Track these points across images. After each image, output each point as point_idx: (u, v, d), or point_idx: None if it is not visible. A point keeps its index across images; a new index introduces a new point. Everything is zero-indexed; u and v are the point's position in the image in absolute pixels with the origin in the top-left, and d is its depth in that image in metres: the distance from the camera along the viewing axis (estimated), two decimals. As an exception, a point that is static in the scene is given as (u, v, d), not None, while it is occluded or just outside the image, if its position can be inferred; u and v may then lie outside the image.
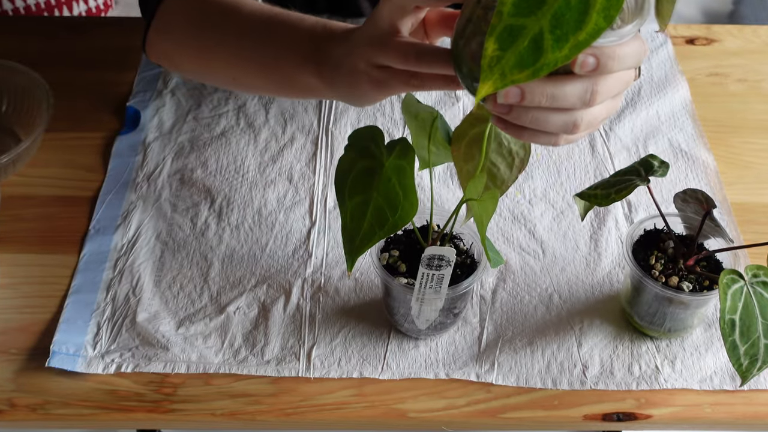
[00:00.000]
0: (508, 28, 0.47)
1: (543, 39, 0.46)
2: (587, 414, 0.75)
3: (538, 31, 0.46)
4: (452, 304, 0.77)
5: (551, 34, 0.46)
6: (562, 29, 0.46)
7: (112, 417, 0.75)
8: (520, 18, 0.46)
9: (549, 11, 0.46)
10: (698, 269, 0.76)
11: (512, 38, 0.47)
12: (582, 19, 0.46)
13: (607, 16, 0.45)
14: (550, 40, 0.46)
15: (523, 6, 0.46)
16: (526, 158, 0.71)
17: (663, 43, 1.14)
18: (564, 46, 0.46)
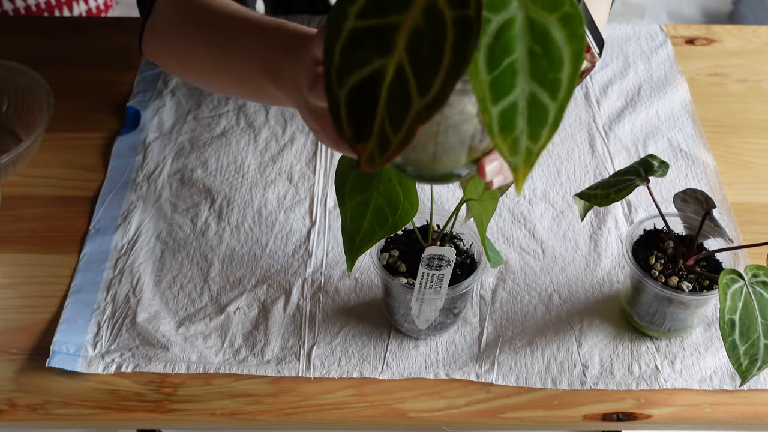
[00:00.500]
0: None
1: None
2: (587, 414, 0.75)
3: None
4: (452, 304, 0.77)
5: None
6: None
7: (112, 417, 0.75)
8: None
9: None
10: (698, 269, 0.76)
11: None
12: None
13: None
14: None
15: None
16: (526, 158, 0.71)
17: (663, 43, 1.14)
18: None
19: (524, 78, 0.42)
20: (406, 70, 0.41)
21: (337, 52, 0.43)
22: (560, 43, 0.43)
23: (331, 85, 0.43)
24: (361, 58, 0.42)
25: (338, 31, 0.42)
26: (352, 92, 0.43)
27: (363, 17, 0.42)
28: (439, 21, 0.40)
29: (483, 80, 0.42)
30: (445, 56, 0.40)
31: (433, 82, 0.40)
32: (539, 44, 0.42)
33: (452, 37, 0.40)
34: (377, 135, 0.42)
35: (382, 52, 0.42)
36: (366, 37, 0.42)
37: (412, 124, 0.41)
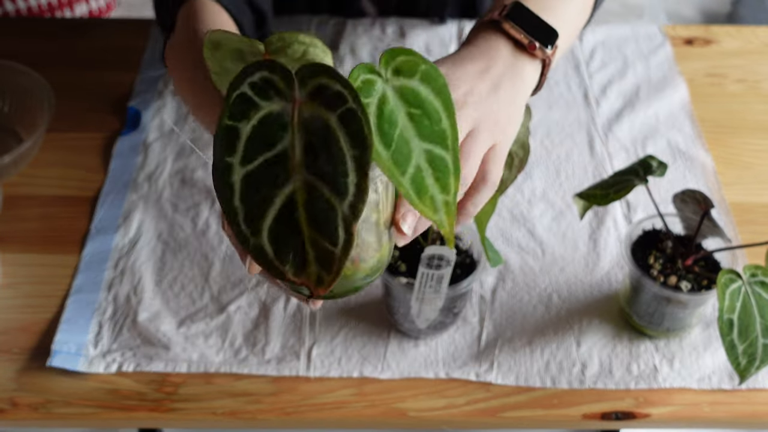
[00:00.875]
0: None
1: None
2: (586, 413, 0.76)
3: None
4: (452, 303, 0.77)
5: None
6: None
7: (113, 416, 0.75)
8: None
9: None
10: (696, 269, 0.76)
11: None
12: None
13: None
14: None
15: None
16: (525, 158, 0.71)
17: (661, 44, 1.15)
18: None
19: (416, 141, 0.45)
20: (315, 185, 0.41)
21: (238, 204, 0.42)
22: (430, 98, 0.46)
23: (246, 238, 0.42)
24: (264, 198, 0.42)
25: (229, 183, 0.42)
26: (272, 233, 0.42)
27: (248, 161, 0.42)
28: (323, 126, 0.41)
29: (385, 157, 0.44)
30: (346, 153, 0.41)
31: (347, 182, 0.41)
32: (415, 107, 0.45)
33: (344, 133, 0.41)
34: (315, 258, 0.42)
35: (282, 182, 0.42)
36: (260, 177, 0.42)
37: (346, 227, 0.41)
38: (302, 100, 0.42)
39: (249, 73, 0.42)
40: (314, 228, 0.42)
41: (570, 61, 1.11)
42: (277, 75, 0.42)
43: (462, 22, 1.16)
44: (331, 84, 0.41)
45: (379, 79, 0.44)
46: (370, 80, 0.44)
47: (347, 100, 0.41)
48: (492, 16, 0.64)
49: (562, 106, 1.05)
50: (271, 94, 0.42)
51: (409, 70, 0.45)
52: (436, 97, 0.46)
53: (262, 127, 0.42)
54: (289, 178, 0.42)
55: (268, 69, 0.42)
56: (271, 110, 0.42)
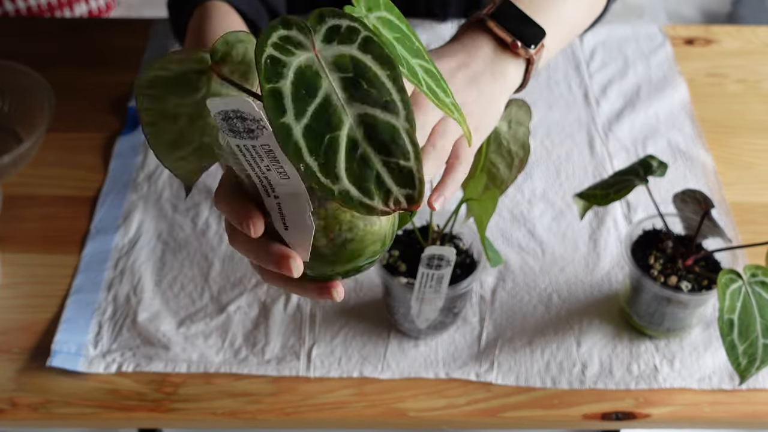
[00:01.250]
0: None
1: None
2: (586, 413, 0.76)
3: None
4: (452, 303, 0.77)
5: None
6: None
7: (113, 416, 0.75)
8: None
9: None
10: (697, 269, 0.76)
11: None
12: None
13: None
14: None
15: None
16: (525, 158, 0.71)
17: (662, 44, 1.15)
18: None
19: (411, 59, 0.48)
20: (367, 113, 0.43)
21: (310, 160, 0.42)
22: (398, 22, 0.50)
23: (328, 188, 0.42)
24: (330, 145, 0.43)
25: (295, 145, 0.42)
26: (349, 174, 0.43)
27: (301, 115, 0.43)
28: (350, 59, 0.44)
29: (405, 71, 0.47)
30: (380, 74, 0.44)
31: (393, 98, 0.44)
32: (395, 32, 0.49)
33: (371, 59, 0.44)
34: (394, 180, 0.44)
35: (338, 123, 0.43)
36: (317, 126, 0.42)
37: (411, 140, 0.44)
38: (320, 47, 0.44)
39: (268, 36, 0.43)
40: (383, 153, 0.43)
41: (570, 61, 1.11)
42: (292, 29, 0.44)
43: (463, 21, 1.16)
44: (339, 22, 0.44)
45: (363, 15, 0.47)
46: (358, 18, 0.47)
47: (360, 31, 0.43)
48: (479, 14, 0.64)
49: (563, 106, 1.05)
50: (292, 48, 0.43)
51: (375, 4, 0.48)
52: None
53: (299, 80, 0.43)
54: (343, 117, 0.43)
55: (284, 26, 0.43)
56: (300, 63, 0.43)
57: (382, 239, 0.51)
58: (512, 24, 0.63)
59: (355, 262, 0.51)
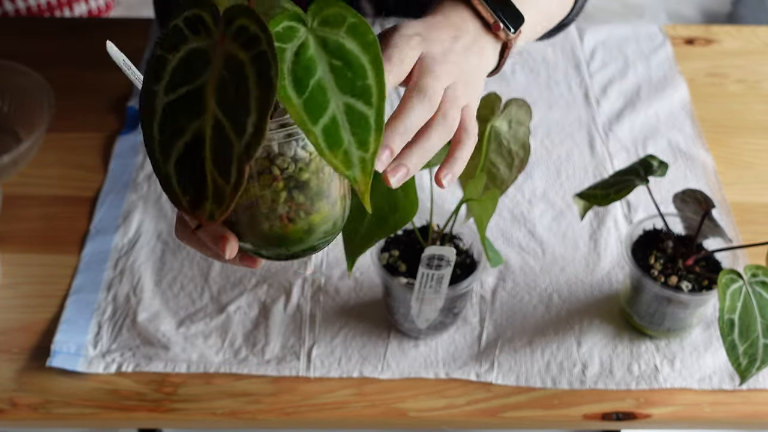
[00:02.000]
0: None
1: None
2: (587, 413, 0.76)
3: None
4: (452, 303, 0.77)
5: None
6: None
7: (113, 416, 0.75)
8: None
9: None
10: (697, 269, 0.76)
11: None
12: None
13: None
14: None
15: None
16: (525, 158, 0.71)
17: (662, 44, 1.15)
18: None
19: (335, 92, 0.45)
20: (222, 121, 0.42)
21: (156, 130, 0.43)
22: (356, 52, 0.45)
23: (158, 163, 0.44)
24: (179, 128, 0.43)
25: (151, 110, 0.43)
26: (179, 162, 0.43)
27: (171, 90, 0.43)
28: (239, 65, 0.42)
29: (296, 103, 0.44)
30: (251, 93, 0.41)
31: (247, 121, 0.41)
32: (337, 58, 0.45)
33: (254, 74, 0.41)
34: (212, 192, 0.43)
35: (196, 115, 0.43)
36: (179, 107, 0.43)
37: (239, 166, 0.42)
38: (227, 39, 0.43)
39: (185, 8, 0.44)
40: (215, 164, 0.43)
41: (570, 60, 1.11)
42: (206, 12, 0.43)
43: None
44: (250, 26, 0.42)
45: (303, 28, 0.45)
46: (292, 27, 0.45)
47: (261, 42, 0.41)
48: None
49: (563, 106, 1.05)
50: (200, 29, 0.43)
51: (335, 21, 0.45)
52: (363, 51, 0.45)
53: (188, 60, 0.43)
54: (202, 113, 0.43)
55: (199, 6, 0.43)
56: (197, 46, 0.43)
57: (334, 220, 0.52)
58: (495, 5, 0.63)
59: (308, 242, 0.51)
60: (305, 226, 0.50)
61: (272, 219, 0.49)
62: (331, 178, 0.50)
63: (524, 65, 1.09)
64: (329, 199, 0.51)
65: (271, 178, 0.48)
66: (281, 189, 0.48)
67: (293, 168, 0.48)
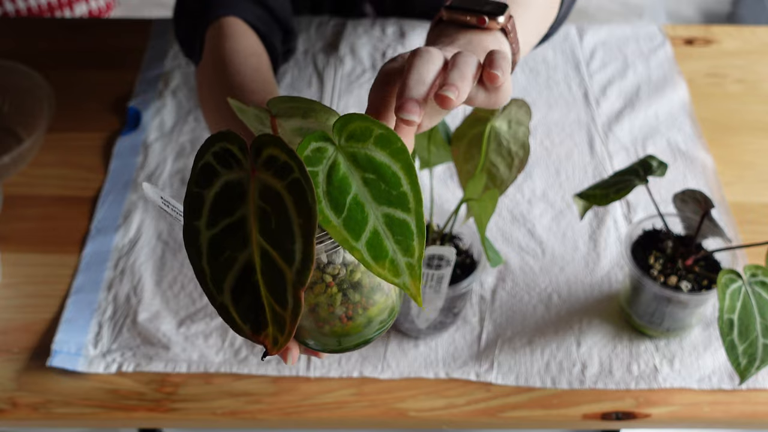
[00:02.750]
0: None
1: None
2: (586, 413, 0.76)
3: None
4: (452, 303, 0.77)
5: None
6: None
7: (113, 416, 0.75)
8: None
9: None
10: (697, 269, 0.76)
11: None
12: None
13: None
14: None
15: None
16: (525, 158, 0.71)
17: (661, 44, 1.15)
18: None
19: (372, 205, 0.45)
20: (268, 250, 0.43)
21: (206, 265, 0.44)
22: (387, 162, 0.46)
23: (212, 295, 0.45)
24: (227, 260, 0.44)
25: (197, 246, 0.44)
26: (234, 293, 0.44)
27: (213, 225, 0.44)
28: (276, 195, 0.42)
29: (336, 224, 0.44)
30: (293, 220, 0.42)
31: (294, 248, 0.42)
32: (370, 172, 0.45)
33: (291, 202, 0.42)
34: (271, 319, 0.44)
35: (242, 245, 0.44)
36: (224, 240, 0.44)
37: (294, 293, 0.43)
38: (258, 170, 0.43)
39: (211, 144, 0.44)
40: (270, 291, 0.44)
41: (570, 61, 1.12)
42: (235, 146, 0.44)
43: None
44: (279, 155, 0.42)
45: (331, 147, 0.45)
46: (320, 148, 0.45)
47: (293, 170, 0.42)
48: (439, 14, 0.63)
49: (562, 106, 1.05)
50: (231, 162, 0.44)
51: (362, 135, 0.46)
52: (393, 160, 0.46)
53: (223, 194, 0.44)
54: (248, 243, 0.44)
55: (227, 140, 0.44)
56: (231, 178, 0.44)
57: (391, 308, 0.52)
58: (471, 6, 0.62)
59: (367, 335, 0.52)
60: (364, 320, 0.51)
61: (332, 321, 0.50)
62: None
63: (524, 65, 1.10)
64: (384, 289, 0.51)
65: (324, 286, 0.49)
66: (336, 293, 0.49)
67: (344, 272, 0.49)
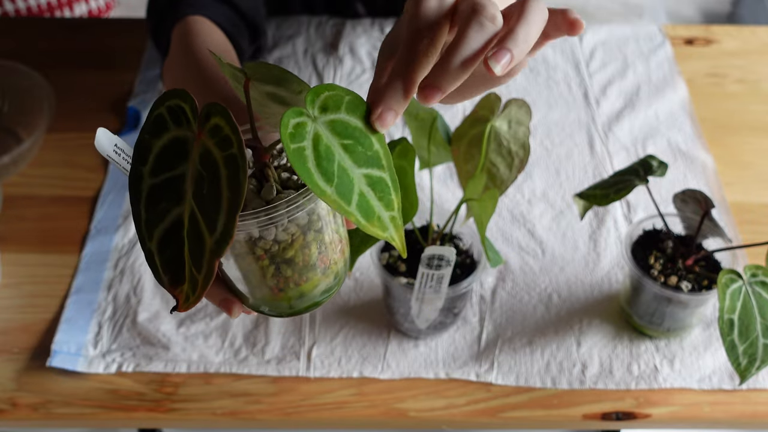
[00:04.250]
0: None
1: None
2: (586, 413, 0.76)
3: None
4: (452, 303, 0.77)
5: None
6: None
7: (113, 416, 0.75)
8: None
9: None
10: (697, 269, 0.76)
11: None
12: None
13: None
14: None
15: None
16: (525, 158, 0.71)
17: (661, 44, 1.15)
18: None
19: (354, 169, 0.47)
20: (196, 213, 0.44)
21: (142, 209, 0.46)
22: (360, 126, 0.47)
23: (143, 239, 0.46)
24: (161, 210, 0.45)
25: (138, 191, 0.46)
26: (161, 242, 0.46)
27: (155, 174, 0.46)
28: (213, 163, 0.43)
29: (330, 193, 0.45)
30: (223, 193, 0.43)
31: (218, 219, 0.43)
32: (346, 137, 0.47)
33: (225, 176, 0.43)
34: (188, 277, 0.45)
35: (176, 202, 0.45)
36: (162, 191, 0.45)
37: (209, 260, 0.44)
38: (204, 134, 0.44)
39: (168, 97, 0.46)
40: (190, 253, 0.45)
41: (570, 61, 1.12)
42: (187, 105, 0.45)
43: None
44: (224, 126, 0.43)
45: (309, 121, 0.46)
46: (300, 123, 0.46)
47: (233, 145, 0.43)
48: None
49: (562, 106, 1.05)
50: (182, 120, 0.45)
51: (334, 104, 0.47)
52: (363, 123, 0.48)
53: (169, 147, 0.45)
54: (182, 201, 0.45)
55: (181, 98, 0.45)
56: (178, 135, 0.45)
57: (335, 274, 0.54)
58: None
59: (307, 302, 0.53)
60: (296, 294, 0.52)
61: (263, 289, 0.51)
62: (319, 251, 0.52)
63: (524, 65, 1.09)
64: (319, 268, 0.52)
65: (255, 258, 0.50)
66: (267, 266, 0.50)
67: (276, 249, 0.50)
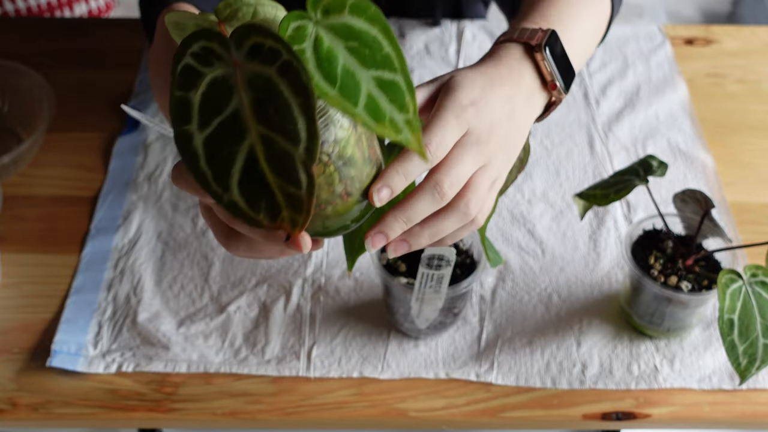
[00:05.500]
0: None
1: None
2: (586, 413, 0.76)
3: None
4: (452, 303, 0.77)
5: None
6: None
7: (113, 416, 0.75)
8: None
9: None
10: (697, 269, 0.76)
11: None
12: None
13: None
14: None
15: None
16: (525, 158, 0.71)
17: (661, 44, 1.15)
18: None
19: (362, 71, 0.46)
20: (269, 135, 0.43)
21: (205, 167, 0.44)
22: (366, 28, 0.46)
23: (218, 196, 0.45)
24: (227, 156, 0.44)
25: (192, 151, 0.44)
26: (241, 187, 0.44)
27: (205, 125, 0.44)
28: (266, 81, 0.43)
29: (333, 95, 0.45)
30: (291, 102, 0.42)
31: (297, 128, 0.43)
32: (352, 40, 0.46)
33: (286, 84, 0.42)
34: (285, 203, 0.44)
35: (240, 139, 0.44)
36: (219, 137, 0.44)
37: (306, 170, 0.43)
38: (242, 62, 0.43)
39: (188, 45, 0.44)
40: (278, 175, 0.44)
41: (570, 61, 1.11)
42: (214, 42, 0.44)
43: (462, 23, 1.16)
44: (264, 41, 0.43)
45: (310, 23, 0.46)
46: (300, 26, 0.45)
47: (281, 53, 0.42)
48: (530, 39, 0.62)
49: (562, 106, 1.05)
50: (212, 60, 0.44)
51: (337, 6, 0.46)
52: (370, 25, 0.47)
53: (210, 93, 0.44)
54: (246, 134, 0.44)
55: (205, 38, 0.44)
56: (215, 75, 0.44)
57: (379, 167, 0.53)
58: (556, 61, 0.62)
59: (340, 225, 0.52)
60: (359, 196, 0.52)
61: (333, 200, 0.50)
62: (368, 143, 0.51)
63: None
64: (371, 160, 0.52)
65: (323, 166, 0.49)
66: (333, 171, 0.49)
67: (338, 149, 0.49)
